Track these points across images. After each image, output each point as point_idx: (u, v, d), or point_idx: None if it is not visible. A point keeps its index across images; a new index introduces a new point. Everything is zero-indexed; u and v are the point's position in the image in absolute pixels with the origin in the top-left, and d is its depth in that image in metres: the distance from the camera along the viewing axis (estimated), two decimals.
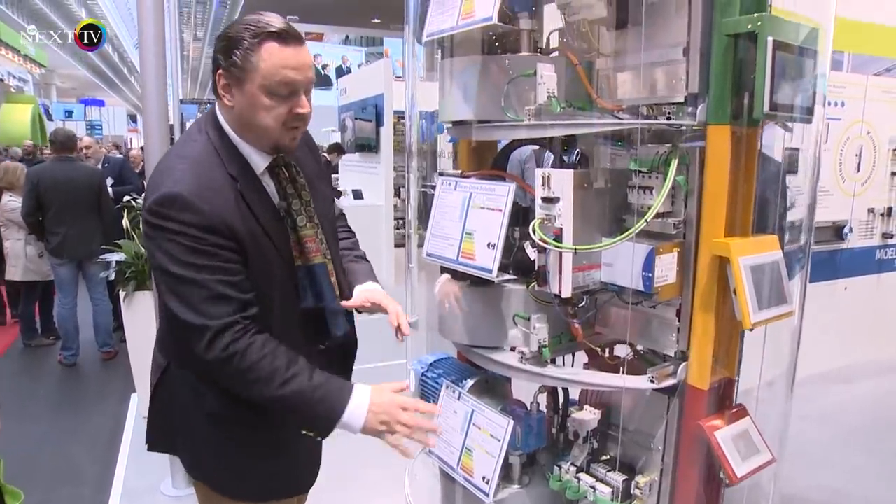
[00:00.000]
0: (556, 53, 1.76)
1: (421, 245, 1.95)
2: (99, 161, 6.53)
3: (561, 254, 1.47)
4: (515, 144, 2.13)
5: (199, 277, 1.32)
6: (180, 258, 1.31)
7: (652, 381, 1.56)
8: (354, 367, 1.68)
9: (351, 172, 8.68)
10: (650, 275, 1.47)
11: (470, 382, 1.94)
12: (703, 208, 1.48)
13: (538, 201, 1.52)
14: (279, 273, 1.46)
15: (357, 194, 7.83)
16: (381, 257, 7.13)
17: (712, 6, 1.41)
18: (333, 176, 8.22)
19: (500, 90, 1.64)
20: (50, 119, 22.85)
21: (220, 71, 1.37)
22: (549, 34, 1.76)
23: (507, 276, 1.68)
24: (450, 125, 1.92)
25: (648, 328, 1.64)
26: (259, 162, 1.44)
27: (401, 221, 10.55)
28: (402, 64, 3.03)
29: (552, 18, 1.76)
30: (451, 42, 1.79)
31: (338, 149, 8.26)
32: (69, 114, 24.54)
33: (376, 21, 16.34)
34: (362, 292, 1.64)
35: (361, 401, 1.37)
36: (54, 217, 4.91)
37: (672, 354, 1.60)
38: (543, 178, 1.50)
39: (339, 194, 7.45)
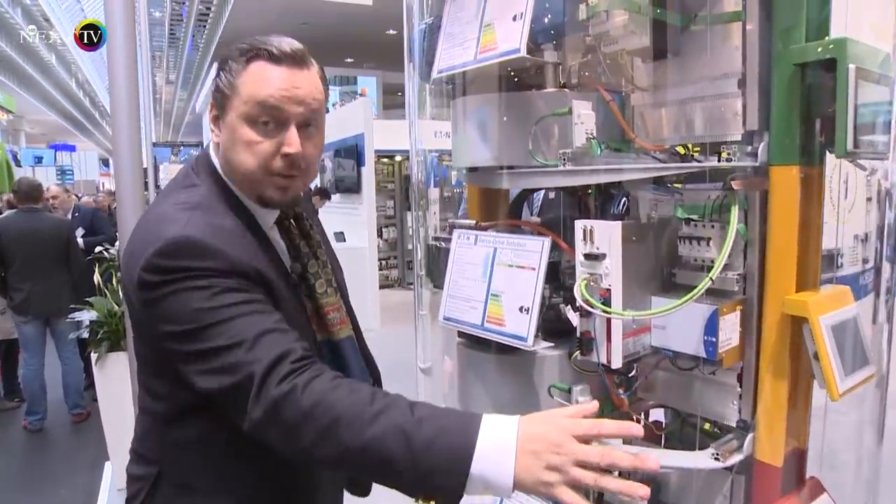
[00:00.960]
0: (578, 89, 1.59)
1: (433, 286, 1.75)
2: (68, 211, 6.23)
3: (609, 319, 1.27)
4: (533, 190, 1.95)
5: (232, 314, 0.98)
6: (204, 306, 0.99)
7: (717, 459, 1.35)
8: None
9: (332, 214, 8.48)
10: (714, 339, 1.27)
11: None
12: (769, 260, 1.29)
13: (579, 258, 1.32)
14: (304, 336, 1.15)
15: (339, 237, 7.63)
16: (367, 300, 6.91)
17: (770, 32, 1.24)
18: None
19: (527, 131, 1.45)
20: (18, 165, 22.37)
21: (212, 100, 1.15)
22: (571, 66, 1.59)
23: (542, 343, 1.47)
24: (464, 171, 1.73)
25: (704, 396, 1.43)
26: (265, 216, 1.20)
27: (384, 262, 10.36)
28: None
29: (574, 50, 1.59)
30: (464, 79, 1.61)
31: (322, 192, 8.06)
32: (38, 160, 24.04)
33: (349, 60, 16.33)
34: None
35: (502, 435, 0.86)
36: (18, 272, 4.61)
37: (733, 424, 1.40)
38: (585, 231, 1.31)
39: None
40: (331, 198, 8.16)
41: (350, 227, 7.87)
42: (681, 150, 1.48)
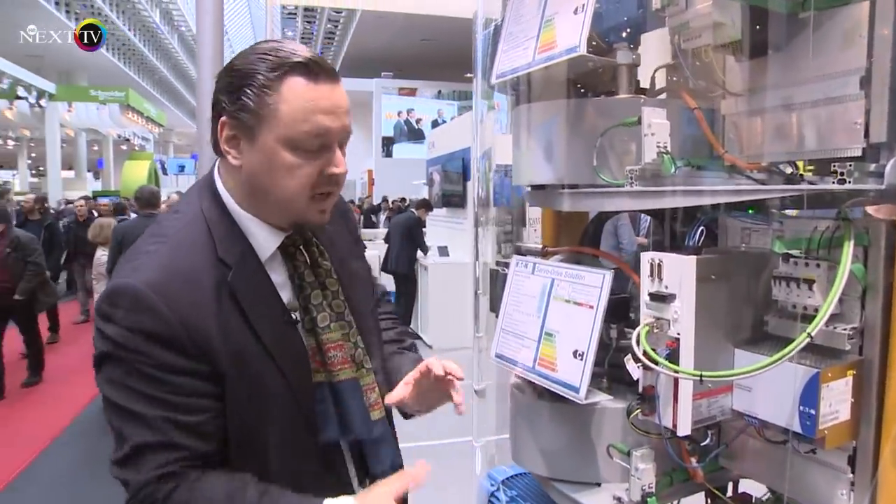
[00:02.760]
0: (664, 95, 1.34)
1: (491, 310, 1.57)
2: None
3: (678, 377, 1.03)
4: (611, 211, 1.71)
5: (137, 410, 0.96)
6: (118, 380, 0.96)
7: None
8: (415, 444, 1.24)
9: (437, 227, 8.46)
10: (812, 411, 0.99)
11: None
12: (895, 312, 0.99)
13: (644, 298, 1.09)
14: (280, 399, 1.06)
15: (443, 251, 7.57)
16: (469, 316, 6.76)
17: None
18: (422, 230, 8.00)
19: (592, 144, 1.23)
20: (165, 173, 24.51)
21: (224, 118, 1.02)
22: (656, 70, 1.35)
23: (599, 395, 1.24)
24: (528, 189, 1.53)
25: (805, 476, 1.14)
26: (266, 243, 1.07)
27: None
28: None
29: (657, 51, 1.35)
30: (529, 84, 1.41)
31: (425, 204, 8.06)
32: (181, 168, 26.18)
33: (469, 75, 16.43)
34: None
35: None
36: None
37: None
38: (652, 265, 1.07)
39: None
40: (432, 208, 8.15)
41: (455, 241, 7.78)
42: (790, 168, 1.20)
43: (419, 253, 7.62)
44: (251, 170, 1.03)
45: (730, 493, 1.44)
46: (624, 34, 1.26)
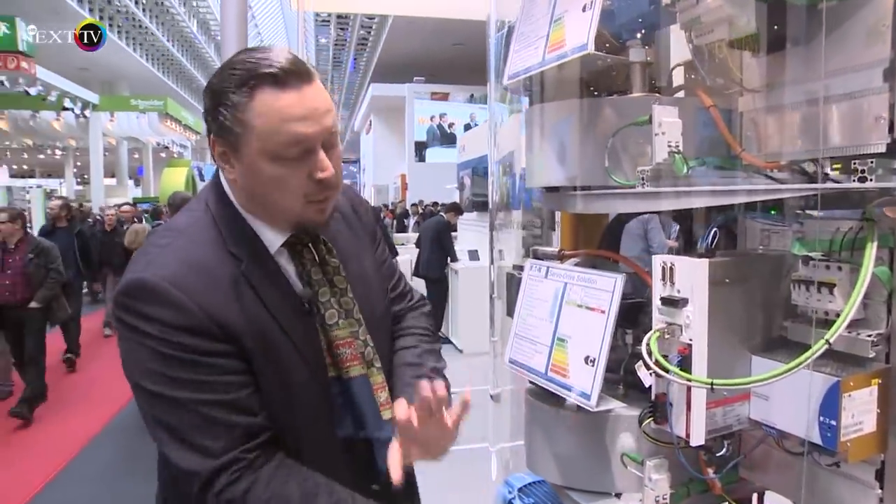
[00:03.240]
0: (681, 93, 1.30)
1: (507, 314, 1.53)
2: None
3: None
4: (630, 213, 1.67)
5: (181, 397, 0.96)
6: (153, 369, 0.96)
7: None
8: None
9: (468, 232, 8.43)
10: (833, 422, 0.94)
11: None
12: None
13: (656, 302, 1.05)
14: (303, 387, 1.06)
15: (473, 255, 7.53)
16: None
17: None
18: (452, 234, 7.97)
19: (603, 145, 1.20)
20: (202, 179, 24.99)
21: (212, 136, 1.03)
22: (673, 69, 1.31)
23: (612, 403, 1.21)
24: (541, 191, 1.50)
25: (827, 491, 1.08)
26: (273, 239, 1.08)
27: None
28: None
29: (675, 48, 1.31)
30: (542, 85, 1.39)
31: (455, 208, 8.04)
32: None
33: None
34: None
35: None
36: None
37: None
38: (664, 268, 1.04)
39: (395, 253, 7.09)
40: (462, 212, 8.12)
41: (485, 245, 7.72)
42: (812, 167, 1.15)
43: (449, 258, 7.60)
44: (244, 183, 1.04)
45: None
46: (637, 32, 1.22)
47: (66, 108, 17.49)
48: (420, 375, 1.20)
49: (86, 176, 27.24)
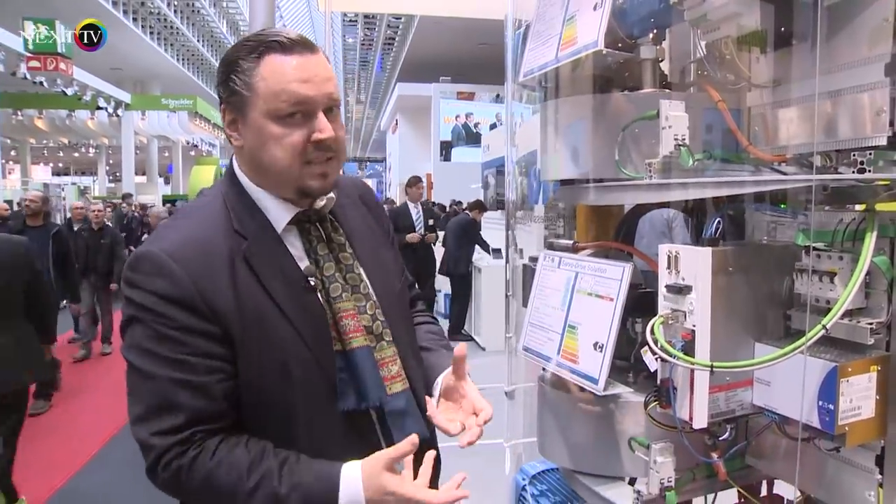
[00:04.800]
0: (692, 89, 1.34)
1: (523, 305, 1.57)
2: None
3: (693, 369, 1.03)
4: (646, 207, 1.70)
5: (156, 372, 1.02)
6: (142, 344, 1.03)
7: None
8: (447, 444, 1.21)
9: (493, 230, 8.45)
10: (831, 406, 0.97)
11: None
12: None
13: (661, 290, 1.09)
14: (303, 365, 1.09)
15: (496, 253, 7.55)
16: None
17: None
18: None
19: (614, 139, 1.24)
20: None
21: (223, 105, 1.12)
22: (685, 66, 1.34)
23: (620, 388, 1.25)
24: (557, 184, 1.54)
25: (829, 477, 1.11)
26: (280, 216, 1.13)
27: None
28: None
29: (686, 44, 1.34)
30: (556, 81, 1.43)
31: (479, 206, 8.08)
32: None
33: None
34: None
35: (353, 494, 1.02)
36: None
37: None
38: (670, 257, 1.08)
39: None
40: (486, 209, 8.16)
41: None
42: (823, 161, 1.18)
43: (476, 255, 7.65)
44: (249, 147, 1.11)
45: (764, 492, 1.42)
46: (647, 30, 1.26)
47: (99, 108, 17.93)
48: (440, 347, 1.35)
49: (118, 173, 27.85)
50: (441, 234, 7.87)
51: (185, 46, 22.51)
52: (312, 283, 1.12)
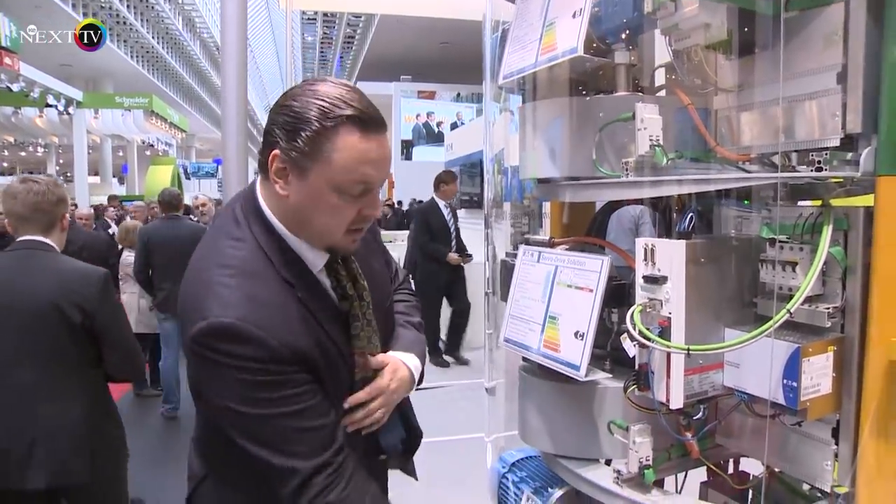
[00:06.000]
0: (662, 92, 1.43)
1: (502, 299, 1.65)
2: (212, 218, 6.75)
3: (669, 353, 1.11)
4: (616, 204, 1.79)
5: (275, 412, 1.09)
6: (245, 394, 1.08)
7: None
8: (431, 440, 1.42)
9: (462, 229, 8.49)
10: (794, 384, 1.07)
11: (557, 493, 1.56)
12: (872, 292, 1.06)
13: (639, 280, 1.17)
14: (342, 387, 1.22)
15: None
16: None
17: (880, 14, 1.03)
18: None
19: (591, 139, 1.32)
20: (188, 177, 24.89)
21: (277, 151, 1.10)
22: (655, 70, 1.43)
23: (599, 374, 1.32)
24: (535, 183, 1.61)
25: (790, 450, 1.21)
26: (315, 260, 1.19)
27: None
28: None
29: (659, 51, 1.43)
30: (534, 84, 1.50)
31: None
32: (206, 172, 26.54)
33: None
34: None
35: None
36: (161, 273, 5.01)
37: (826, 489, 1.17)
38: (646, 250, 1.16)
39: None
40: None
41: (474, 242, 7.81)
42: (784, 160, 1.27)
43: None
44: (297, 202, 1.13)
45: (731, 471, 1.52)
46: (622, 36, 1.34)
47: (49, 105, 17.35)
48: (405, 323, 1.45)
49: (69, 174, 27.05)
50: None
51: (138, 43, 21.99)
52: (344, 317, 1.22)
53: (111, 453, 2.28)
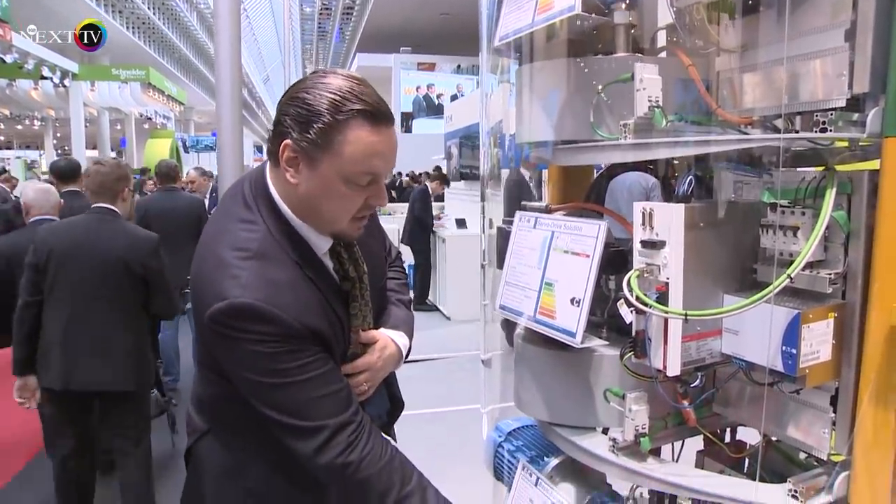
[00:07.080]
0: (663, 54, 1.38)
1: (498, 267, 1.63)
2: (206, 193, 6.70)
3: (666, 318, 1.09)
4: (615, 170, 1.76)
5: (296, 380, 1.15)
6: (266, 367, 1.14)
7: (794, 496, 1.12)
8: (427, 411, 1.52)
9: (456, 201, 8.50)
10: (793, 350, 1.05)
11: (553, 462, 1.56)
12: (875, 258, 1.04)
13: (636, 245, 1.15)
14: (340, 359, 1.30)
15: (460, 223, 7.61)
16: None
17: None
18: (438, 205, 8.04)
19: (589, 101, 1.28)
20: (186, 151, 24.75)
21: (288, 141, 1.14)
22: (657, 31, 1.39)
23: (596, 341, 1.31)
24: (532, 147, 1.58)
25: (788, 418, 1.20)
26: (320, 244, 1.25)
27: None
28: None
29: (661, 14, 1.38)
30: (531, 46, 1.46)
31: (441, 177, 8.09)
32: (205, 146, 26.35)
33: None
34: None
35: None
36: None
37: (823, 457, 1.15)
38: (644, 214, 1.13)
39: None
40: (450, 184, 8.17)
41: (473, 213, 7.81)
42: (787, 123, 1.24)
43: (437, 225, 7.67)
44: (307, 190, 1.18)
45: (728, 440, 1.51)
46: None
47: (44, 77, 17.14)
48: (397, 301, 1.53)
49: (66, 147, 26.90)
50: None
51: (135, 14, 21.67)
52: (346, 296, 1.29)
53: (147, 372, 3.03)
